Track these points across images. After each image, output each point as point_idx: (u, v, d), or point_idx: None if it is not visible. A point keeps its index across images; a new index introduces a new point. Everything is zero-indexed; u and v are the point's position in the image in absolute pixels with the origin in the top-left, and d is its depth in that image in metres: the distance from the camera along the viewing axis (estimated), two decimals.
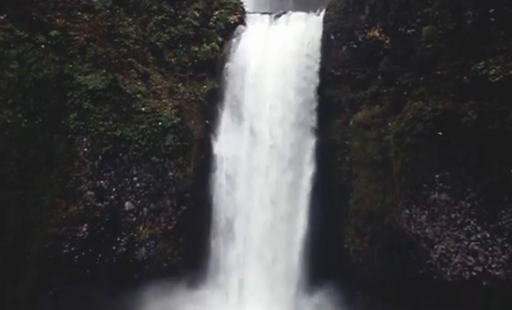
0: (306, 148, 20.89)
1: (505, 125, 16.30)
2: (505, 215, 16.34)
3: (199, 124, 21.12)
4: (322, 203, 20.02)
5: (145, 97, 20.13)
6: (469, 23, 18.07)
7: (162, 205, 19.84)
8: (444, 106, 17.53)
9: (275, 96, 21.17)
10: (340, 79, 20.88)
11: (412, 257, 17.76)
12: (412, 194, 17.71)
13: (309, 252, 19.98)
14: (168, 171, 19.92)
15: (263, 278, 20.29)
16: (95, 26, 20.18)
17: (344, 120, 20.64)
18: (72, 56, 19.47)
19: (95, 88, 19.19)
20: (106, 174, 19.10)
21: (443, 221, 17.22)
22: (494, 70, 16.78)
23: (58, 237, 18.37)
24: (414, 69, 19.01)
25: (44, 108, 18.68)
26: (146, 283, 19.29)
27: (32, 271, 18.10)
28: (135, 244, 19.38)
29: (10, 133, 17.94)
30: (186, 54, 22.14)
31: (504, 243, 16.36)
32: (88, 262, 18.70)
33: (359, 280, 19.19)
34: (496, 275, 16.45)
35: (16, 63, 18.42)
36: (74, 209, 18.61)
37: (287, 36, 21.89)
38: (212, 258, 21.04)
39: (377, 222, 18.96)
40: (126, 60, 20.43)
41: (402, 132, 18.09)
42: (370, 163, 19.47)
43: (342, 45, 21.01)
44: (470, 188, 16.84)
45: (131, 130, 19.50)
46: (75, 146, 18.85)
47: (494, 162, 16.48)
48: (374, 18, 20.42)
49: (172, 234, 20.03)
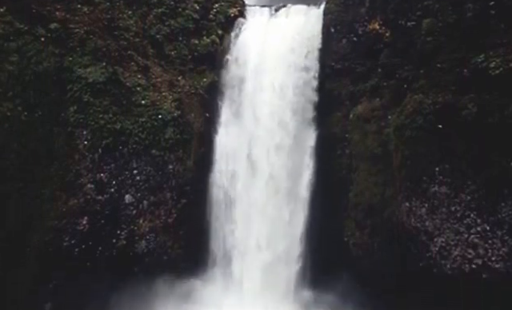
0: (305, 143, 20.88)
1: (505, 118, 16.29)
2: (505, 208, 16.35)
3: (199, 117, 21.11)
4: (322, 196, 20.03)
5: (145, 90, 20.12)
6: (469, 16, 18.04)
7: (162, 198, 19.84)
8: (444, 99, 17.52)
9: (274, 89, 21.15)
10: (340, 72, 20.82)
11: (412, 250, 17.77)
12: (412, 187, 17.71)
13: (309, 244, 20.00)
14: (168, 164, 19.92)
15: (263, 271, 20.27)
16: (95, 19, 20.14)
17: (344, 113, 20.58)
18: (72, 49, 19.43)
19: (95, 81, 19.17)
20: (105, 167, 19.09)
21: (443, 214, 17.23)
22: (494, 63, 16.75)
23: (58, 230, 18.37)
24: (414, 62, 18.98)
25: (44, 101, 18.66)
26: (146, 276, 19.31)
27: (32, 264, 18.10)
28: (135, 237, 19.38)
29: (9, 126, 17.92)
30: (186, 47, 22.09)
31: (504, 236, 16.37)
32: (88, 255, 18.69)
33: (359, 272, 19.17)
34: (496, 267, 16.46)
35: (16, 56, 18.39)
36: (74, 202, 18.62)
37: (287, 29, 21.84)
38: (212, 251, 21.06)
39: (377, 215, 18.96)
40: (126, 53, 20.41)
41: (402, 125, 18.08)
42: (370, 156, 19.45)
43: (342, 38, 20.96)
44: (470, 181, 16.85)
45: (131, 123, 19.49)
46: (75, 139, 18.84)
47: (494, 155, 16.48)
48: (374, 11, 20.36)
49: (172, 227, 20.04)
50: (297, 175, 20.60)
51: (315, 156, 20.57)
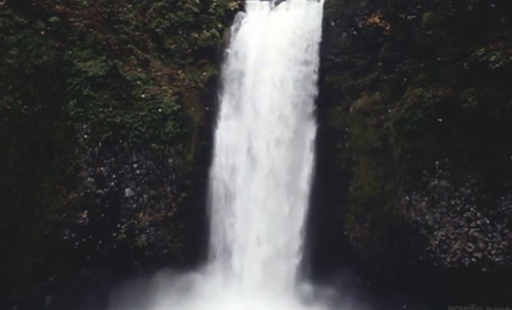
0: (305, 136, 20.89)
1: (505, 112, 16.33)
2: (504, 201, 16.39)
3: (199, 110, 21.11)
4: (322, 190, 20.04)
5: (145, 84, 20.12)
6: (469, 9, 18.04)
7: (162, 192, 19.86)
8: (444, 93, 17.54)
9: (274, 83, 21.13)
10: (340, 66, 20.84)
11: (412, 244, 17.81)
12: (412, 181, 17.74)
13: (309, 238, 20.02)
14: (168, 158, 19.93)
15: (263, 265, 20.29)
16: (95, 12, 20.13)
17: (344, 107, 20.61)
18: (72, 42, 19.42)
19: (95, 74, 19.17)
20: (105, 161, 19.10)
21: (443, 208, 17.26)
22: (494, 56, 16.78)
23: (58, 224, 18.37)
24: (414, 56, 18.99)
25: (44, 94, 18.66)
26: (146, 269, 19.33)
27: (32, 257, 18.09)
28: (135, 230, 19.41)
29: (9, 120, 17.92)
30: (186, 41, 22.09)
31: (504, 229, 16.42)
32: (88, 248, 18.71)
33: (359, 266, 19.22)
34: (495, 261, 16.51)
35: (16, 49, 18.37)
36: (74, 196, 18.62)
37: (287, 22, 21.81)
38: (212, 245, 21.08)
39: (377, 209, 19.00)
40: (126, 46, 20.40)
41: (402, 118, 18.10)
42: (370, 150, 19.49)
43: (342, 32, 20.96)
44: (470, 175, 16.88)
45: (131, 117, 19.51)
46: (75, 133, 18.83)
47: (494, 149, 16.52)
48: (375, 5, 20.38)
49: (172, 221, 20.07)
50: (297, 169, 20.60)
51: (315, 150, 20.58)
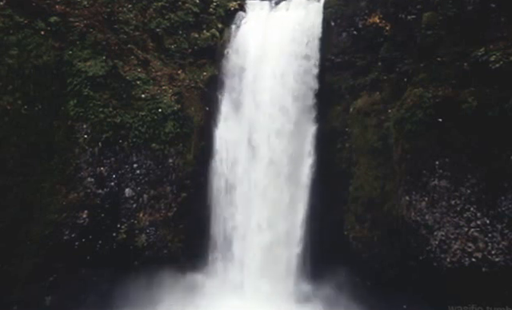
0: (305, 136, 20.89)
1: (505, 112, 16.32)
2: (504, 201, 16.38)
3: (199, 110, 21.12)
4: (323, 186, 20.06)
5: (145, 84, 20.13)
6: (469, 9, 18.03)
7: (162, 192, 19.87)
8: (444, 93, 17.54)
9: (275, 77, 21.16)
10: (340, 66, 20.85)
11: (412, 244, 17.81)
12: (412, 181, 17.73)
13: (309, 231, 20.05)
14: (168, 158, 19.94)
15: (263, 251, 20.33)
16: (95, 12, 20.13)
17: (344, 106, 20.62)
18: (72, 42, 19.43)
19: (95, 74, 19.18)
20: (105, 161, 19.10)
21: (443, 208, 17.26)
22: (494, 56, 16.78)
23: (58, 224, 18.37)
24: (414, 56, 18.98)
25: (44, 94, 18.67)
26: (147, 269, 19.33)
27: (32, 257, 18.09)
28: (135, 230, 19.42)
29: (9, 120, 17.94)
30: (186, 41, 22.10)
31: (504, 229, 16.41)
32: (88, 249, 18.72)
33: (359, 266, 19.23)
34: (495, 261, 16.50)
35: (16, 49, 18.38)
36: (74, 196, 18.62)
37: (287, 22, 21.83)
38: (212, 237, 21.13)
39: (377, 209, 19.00)
40: (126, 46, 20.41)
41: (402, 118, 18.10)
42: (370, 150, 19.49)
43: (342, 32, 20.96)
44: (470, 175, 16.87)
45: (131, 117, 19.51)
46: (75, 133, 18.83)
47: (494, 149, 16.51)
48: (375, 5, 20.37)
49: (172, 221, 20.08)
50: (297, 160, 20.66)
51: (315, 144, 20.58)
